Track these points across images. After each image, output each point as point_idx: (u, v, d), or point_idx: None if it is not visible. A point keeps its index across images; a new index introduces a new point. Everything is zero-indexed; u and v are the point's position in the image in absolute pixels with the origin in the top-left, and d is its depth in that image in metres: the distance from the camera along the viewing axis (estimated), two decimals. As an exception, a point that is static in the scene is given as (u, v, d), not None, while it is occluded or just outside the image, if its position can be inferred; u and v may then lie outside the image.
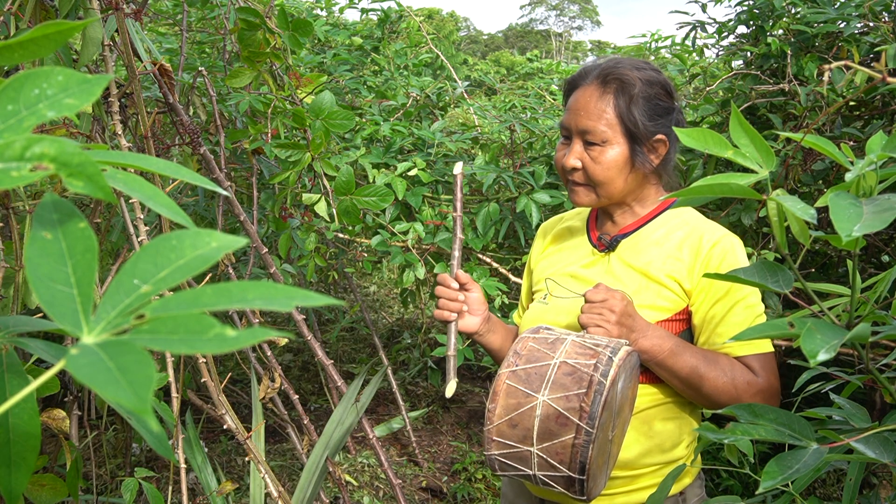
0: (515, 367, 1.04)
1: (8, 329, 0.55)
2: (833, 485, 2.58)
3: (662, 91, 1.24)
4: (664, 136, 1.23)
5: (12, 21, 1.30)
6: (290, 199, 2.06)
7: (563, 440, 0.97)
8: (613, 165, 1.22)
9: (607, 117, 1.21)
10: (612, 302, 1.10)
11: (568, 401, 0.98)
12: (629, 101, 1.21)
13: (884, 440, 0.69)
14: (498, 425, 1.02)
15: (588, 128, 1.22)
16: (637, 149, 1.22)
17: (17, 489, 0.54)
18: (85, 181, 0.37)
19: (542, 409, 0.99)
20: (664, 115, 1.24)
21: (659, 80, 1.25)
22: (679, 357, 1.14)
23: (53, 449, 1.71)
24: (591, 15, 57.64)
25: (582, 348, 1.03)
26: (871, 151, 0.64)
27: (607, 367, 0.98)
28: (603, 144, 1.22)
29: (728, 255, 1.20)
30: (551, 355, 1.03)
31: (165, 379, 1.12)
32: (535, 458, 1.00)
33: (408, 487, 2.96)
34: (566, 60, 8.13)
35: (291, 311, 1.92)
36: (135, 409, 0.31)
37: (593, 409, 0.96)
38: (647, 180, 1.28)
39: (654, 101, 1.23)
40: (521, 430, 1.01)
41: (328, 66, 2.97)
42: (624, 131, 1.21)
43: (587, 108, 1.23)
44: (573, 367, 1.00)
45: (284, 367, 4.01)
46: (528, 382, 1.02)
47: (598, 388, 0.96)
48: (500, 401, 1.03)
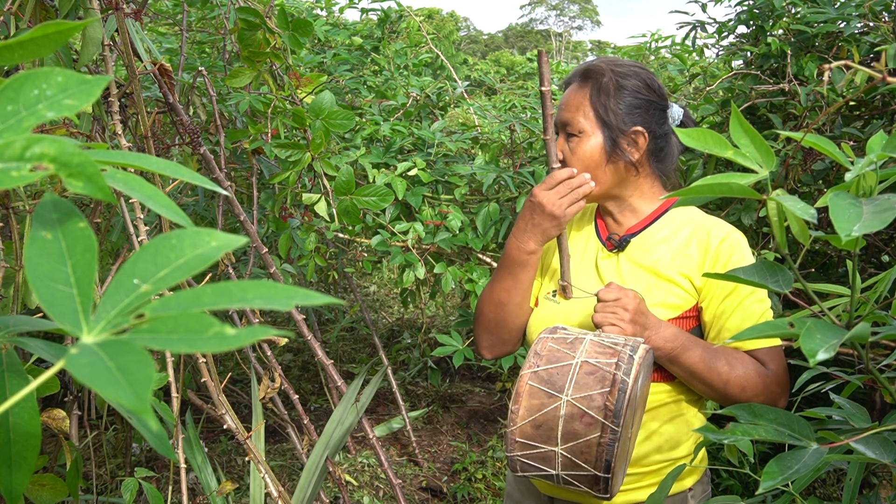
0: (537, 367, 1.04)
1: (8, 329, 0.55)
2: (833, 485, 2.58)
3: (641, 84, 1.27)
4: (642, 127, 1.25)
5: (12, 21, 1.30)
6: (290, 199, 2.06)
7: (589, 439, 0.97)
8: (589, 156, 1.25)
9: (584, 109, 1.26)
10: (626, 300, 1.11)
11: (592, 400, 0.98)
12: (602, 91, 1.25)
13: (884, 440, 0.69)
14: (521, 426, 1.02)
15: (566, 119, 1.28)
16: (611, 139, 1.24)
17: (17, 489, 0.54)
18: (85, 181, 0.38)
19: (566, 408, 0.99)
20: (644, 108, 1.26)
21: (639, 74, 1.27)
22: (691, 353, 1.15)
23: (53, 449, 1.71)
24: (591, 15, 57.66)
25: (601, 347, 1.03)
26: (871, 151, 0.64)
27: (629, 366, 0.99)
28: (580, 135, 1.26)
29: (736, 251, 1.21)
30: (572, 355, 1.03)
31: (165, 379, 1.12)
32: (560, 457, 1.00)
33: (408, 487, 2.96)
34: (566, 60, 8.11)
35: (291, 311, 1.92)
36: (135, 408, 0.31)
37: (618, 408, 0.96)
38: (631, 174, 1.28)
39: (632, 92, 1.25)
40: (545, 430, 1.00)
41: (328, 66, 2.97)
42: (598, 122, 1.25)
43: (569, 101, 1.28)
44: (595, 366, 1.00)
45: (284, 367, 4.01)
46: (550, 383, 1.02)
47: (621, 386, 0.97)
48: (523, 402, 1.02)
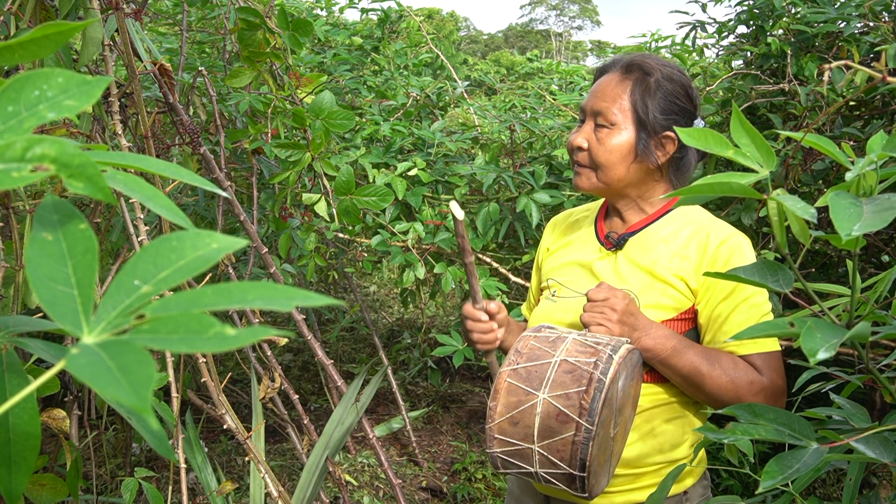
0: (517, 365, 1.05)
1: (8, 329, 0.55)
2: (833, 485, 2.58)
3: (682, 91, 1.26)
4: (674, 134, 1.24)
5: (12, 21, 1.30)
6: (290, 199, 2.06)
7: (564, 437, 0.98)
8: (617, 150, 1.23)
9: (622, 101, 1.24)
10: (614, 301, 1.11)
11: (568, 398, 0.98)
12: (645, 90, 1.23)
13: (884, 440, 0.69)
14: (499, 423, 1.03)
15: (601, 109, 1.25)
16: (644, 139, 1.23)
17: (17, 489, 0.54)
18: (85, 182, 0.38)
19: (542, 406, 0.99)
20: (679, 115, 1.25)
21: (681, 81, 1.26)
22: (682, 355, 1.13)
23: (53, 449, 1.71)
24: (591, 15, 57.64)
25: (583, 346, 1.03)
26: (871, 151, 0.64)
27: (607, 365, 0.98)
28: (612, 127, 1.24)
29: (735, 254, 1.19)
30: (552, 353, 1.04)
31: (165, 379, 1.12)
32: (537, 455, 1.00)
33: (408, 487, 2.96)
34: (566, 60, 8.13)
35: (291, 311, 1.92)
36: (135, 408, 0.31)
37: (593, 407, 0.96)
38: (651, 177, 1.27)
39: (671, 97, 1.24)
40: (523, 427, 1.01)
41: (328, 66, 2.97)
42: (634, 118, 1.23)
43: (605, 90, 1.26)
44: (574, 364, 1.01)
45: (284, 367, 4.01)
46: (528, 380, 1.02)
47: (598, 385, 0.97)
48: (501, 399, 1.03)
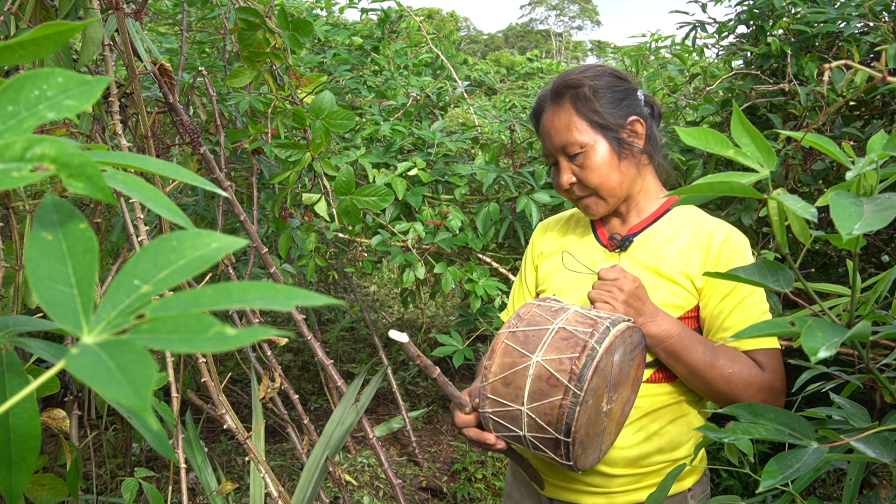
0: (515, 328, 1.07)
1: (8, 329, 0.55)
2: (833, 485, 2.58)
3: (612, 78, 1.28)
4: (636, 115, 1.26)
5: (12, 21, 1.30)
6: (290, 199, 2.06)
7: (552, 401, 0.99)
8: (602, 164, 1.25)
9: (575, 125, 1.25)
10: (623, 282, 1.13)
11: (560, 363, 0.99)
12: (585, 101, 1.25)
13: (884, 440, 0.69)
14: (493, 382, 1.04)
15: (564, 142, 1.26)
16: (615, 138, 1.25)
17: (17, 489, 0.54)
18: (85, 182, 0.38)
19: (534, 369, 1.01)
20: (624, 96, 1.27)
21: (604, 70, 1.29)
22: (686, 345, 1.15)
23: (53, 449, 1.71)
24: (591, 15, 57.65)
25: (583, 318, 1.05)
26: (871, 150, 0.64)
27: (603, 336, 1.00)
28: (583, 150, 1.25)
29: (737, 252, 1.22)
30: (551, 321, 1.05)
31: (165, 379, 1.12)
32: (525, 417, 1.02)
33: (408, 487, 2.96)
34: (566, 60, 8.13)
35: (291, 311, 1.92)
36: (135, 407, 0.31)
37: (583, 373, 0.97)
38: (643, 161, 1.30)
39: (609, 89, 1.26)
40: (514, 388, 1.02)
41: (328, 66, 2.97)
42: (596, 129, 1.24)
43: (555, 126, 1.27)
44: (571, 332, 1.02)
45: (284, 367, 4.01)
46: (525, 343, 1.04)
47: (590, 353, 0.98)
48: (497, 359, 1.05)
